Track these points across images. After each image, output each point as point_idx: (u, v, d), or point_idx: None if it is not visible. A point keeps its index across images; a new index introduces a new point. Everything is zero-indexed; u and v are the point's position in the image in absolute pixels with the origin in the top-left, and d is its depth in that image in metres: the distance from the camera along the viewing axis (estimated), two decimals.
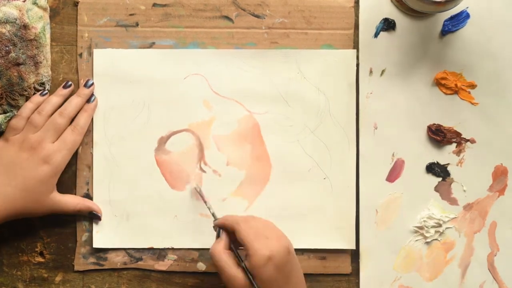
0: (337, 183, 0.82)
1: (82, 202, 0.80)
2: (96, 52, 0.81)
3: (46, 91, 0.80)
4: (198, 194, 0.81)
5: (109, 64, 0.81)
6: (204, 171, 0.82)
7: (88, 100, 0.81)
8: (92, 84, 0.81)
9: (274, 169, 0.82)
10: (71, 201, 0.80)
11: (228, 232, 0.74)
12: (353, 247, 0.81)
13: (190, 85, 0.82)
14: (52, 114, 0.79)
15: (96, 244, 0.81)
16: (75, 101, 0.80)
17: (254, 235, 0.71)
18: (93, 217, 0.81)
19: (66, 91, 0.80)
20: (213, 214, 0.78)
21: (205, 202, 0.80)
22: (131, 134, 0.82)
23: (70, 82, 0.81)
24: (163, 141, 0.82)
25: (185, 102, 0.82)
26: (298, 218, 0.81)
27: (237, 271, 0.71)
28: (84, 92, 0.80)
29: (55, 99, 0.80)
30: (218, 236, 0.75)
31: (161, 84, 0.81)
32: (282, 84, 0.82)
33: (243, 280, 0.70)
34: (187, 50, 0.82)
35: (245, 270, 0.71)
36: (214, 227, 0.76)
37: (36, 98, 0.79)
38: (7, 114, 0.79)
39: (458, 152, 0.82)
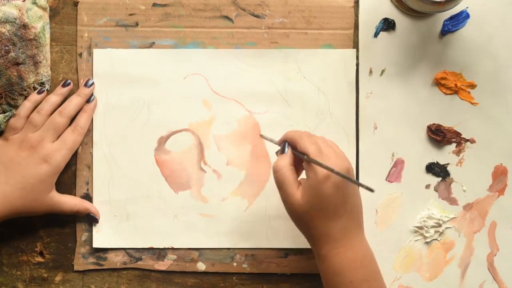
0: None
1: (80, 203, 0.80)
2: (96, 52, 0.81)
3: (43, 89, 0.80)
4: (265, 138, 0.78)
5: (109, 64, 0.81)
6: (204, 171, 0.82)
7: (88, 100, 0.81)
8: (92, 83, 0.81)
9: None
10: (69, 202, 0.80)
11: (292, 147, 0.73)
12: None
13: (190, 85, 0.82)
14: (52, 113, 0.79)
15: (96, 244, 0.81)
16: (75, 101, 0.80)
17: (316, 150, 0.70)
18: (91, 219, 0.81)
19: (65, 90, 0.80)
20: (272, 140, 0.76)
21: (271, 140, 0.76)
22: (131, 134, 0.81)
23: (69, 81, 0.81)
24: (163, 141, 0.82)
25: (185, 102, 0.82)
26: None
27: (297, 190, 0.70)
28: (84, 91, 0.80)
29: (54, 98, 0.80)
30: (282, 151, 0.73)
31: (161, 84, 0.81)
32: (282, 84, 0.82)
33: (301, 201, 0.70)
34: (187, 50, 0.81)
35: (309, 160, 0.69)
36: (279, 142, 0.74)
37: (34, 96, 0.79)
38: (6, 114, 0.79)
39: (458, 152, 0.82)
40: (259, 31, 0.82)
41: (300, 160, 0.73)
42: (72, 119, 0.80)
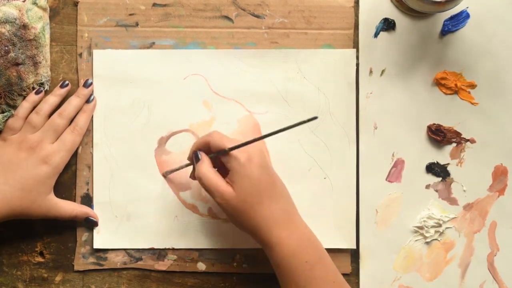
0: (337, 182, 0.82)
1: (78, 208, 0.80)
2: (96, 53, 0.81)
3: (41, 89, 0.80)
4: (171, 173, 0.81)
5: (109, 65, 0.81)
6: None
7: (87, 100, 0.80)
8: (91, 84, 0.81)
9: (275, 169, 0.81)
10: (67, 206, 0.79)
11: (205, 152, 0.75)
12: (353, 246, 0.81)
13: (190, 85, 0.82)
14: (50, 113, 0.79)
15: (97, 245, 0.81)
16: (74, 102, 0.80)
17: (228, 140, 0.73)
18: (90, 223, 0.80)
19: (63, 91, 0.80)
20: (187, 165, 0.78)
21: (178, 169, 0.80)
22: (131, 134, 0.81)
23: (67, 82, 0.81)
24: (163, 141, 0.82)
25: (185, 103, 0.82)
26: None
27: (227, 186, 0.72)
28: (83, 92, 0.80)
29: (52, 99, 0.80)
30: (197, 160, 0.74)
31: (161, 84, 0.81)
32: (282, 84, 0.82)
33: (234, 193, 0.71)
34: (187, 50, 0.81)
35: (228, 150, 0.72)
36: (188, 158, 0.76)
37: (32, 97, 0.79)
38: (5, 114, 0.79)
39: (458, 152, 0.82)
40: (259, 31, 0.82)
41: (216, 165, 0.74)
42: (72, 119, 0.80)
